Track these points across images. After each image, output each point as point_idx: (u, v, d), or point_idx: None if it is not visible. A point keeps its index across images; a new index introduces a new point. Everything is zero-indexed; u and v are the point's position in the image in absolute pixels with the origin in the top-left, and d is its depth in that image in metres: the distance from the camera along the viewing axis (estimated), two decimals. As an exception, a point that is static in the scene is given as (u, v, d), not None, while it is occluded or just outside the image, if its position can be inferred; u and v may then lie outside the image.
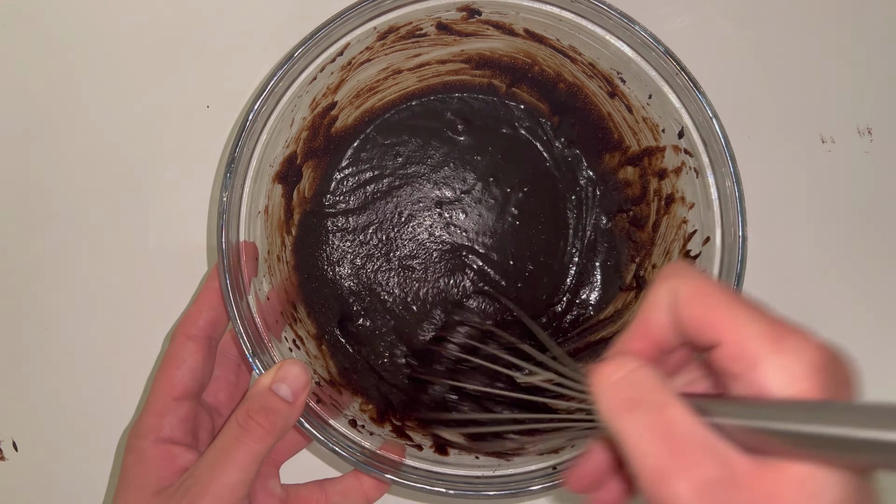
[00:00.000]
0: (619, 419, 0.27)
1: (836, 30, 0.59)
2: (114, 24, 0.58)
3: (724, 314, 0.26)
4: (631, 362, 0.28)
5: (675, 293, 0.28)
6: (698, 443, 0.25)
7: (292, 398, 0.40)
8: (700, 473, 0.24)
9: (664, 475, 0.25)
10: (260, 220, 0.47)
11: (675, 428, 0.25)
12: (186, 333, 0.43)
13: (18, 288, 0.56)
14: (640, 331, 0.30)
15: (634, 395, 0.27)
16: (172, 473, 0.41)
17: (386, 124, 0.55)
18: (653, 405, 0.26)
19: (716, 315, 0.26)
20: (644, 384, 0.27)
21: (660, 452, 0.25)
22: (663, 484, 0.25)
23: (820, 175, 0.58)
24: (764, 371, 0.25)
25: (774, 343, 0.25)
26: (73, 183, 0.57)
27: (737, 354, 0.25)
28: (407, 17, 0.47)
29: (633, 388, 0.27)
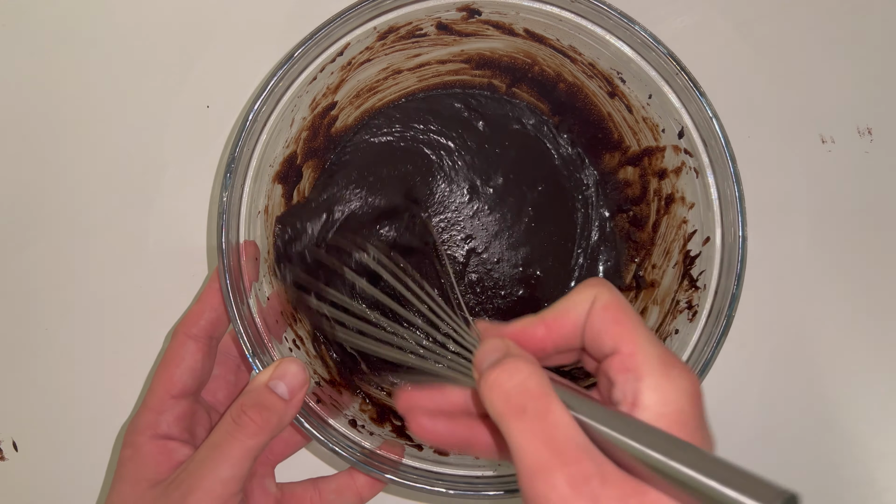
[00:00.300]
0: (507, 422, 0.29)
1: (836, 30, 0.59)
2: (114, 25, 0.58)
3: (629, 329, 0.30)
4: (523, 368, 0.30)
5: (594, 299, 0.31)
6: (575, 445, 0.28)
7: (289, 396, 0.40)
8: (576, 469, 0.27)
9: (543, 470, 0.27)
10: (260, 220, 0.47)
11: (556, 432, 0.28)
12: (187, 332, 0.43)
13: (18, 288, 0.57)
14: (549, 322, 0.33)
15: (522, 403, 0.29)
16: (169, 468, 0.41)
17: (387, 119, 0.55)
18: (538, 412, 0.29)
19: (622, 328, 0.30)
20: (532, 392, 0.29)
21: (541, 452, 0.28)
22: (541, 478, 0.27)
23: (820, 175, 0.58)
24: (646, 386, 0.29)
25: (663, 368, 0.29)
26: (73, 183, 0.57)
27: (628, 366, 0.29)
28: (407, 17, 0.47)
29: (522, 395, 0.29)
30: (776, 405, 0.56)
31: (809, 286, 0.57)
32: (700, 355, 0.43)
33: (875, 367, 0.57)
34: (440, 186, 0.55)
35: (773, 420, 0.56)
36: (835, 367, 0.56)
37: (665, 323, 0.48)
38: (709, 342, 0.43)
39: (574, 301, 0.32)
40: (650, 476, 0.27)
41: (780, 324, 0.57)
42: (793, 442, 0.56)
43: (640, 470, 0.27)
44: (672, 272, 0.49)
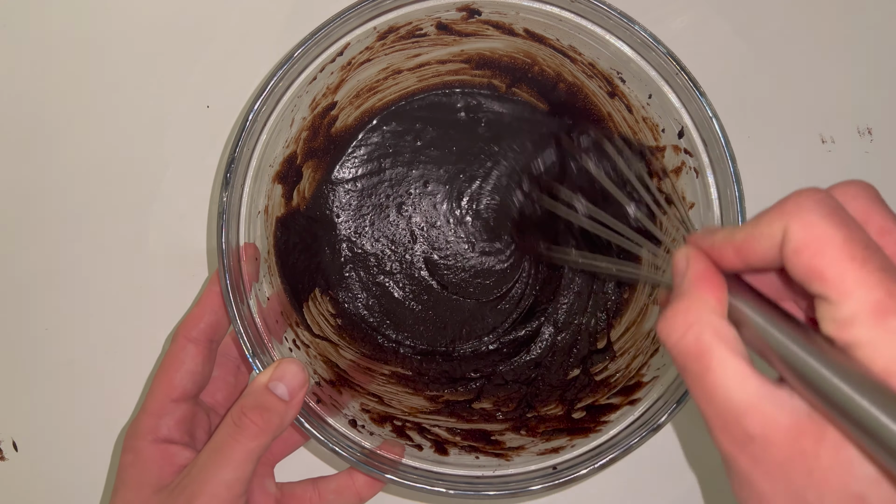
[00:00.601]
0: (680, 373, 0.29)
1: (836, 30, 0.59)
2: (114, 25, 0.58)
3: (837, 272, 0.24)
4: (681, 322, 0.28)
5: (786, 236, 0.26)
6: (734, 406, 0.26)
7: (289, 396, 0.40)
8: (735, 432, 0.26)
9: (711, 429, 0.27)
10: (260, 221, 0.47)
11: (715, 394, 0.26)
12: (187, 335, 0.43)
13: (18, 288, 0.56)
14: (739, 245, 0.28)
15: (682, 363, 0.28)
16: (171, 472, 0.41)
17: (391, 117, 0.55)
18: (697, 373, 0.27)
19: (829, 272, 0.25)
20: (691, 349, 0.27)
21: (706, 411, 0.27)
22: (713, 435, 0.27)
23: (820, 175, 0.58)
24: (859, 341, 0.24)
25: (878, 318, 0.24)
26: (72, 183, 0.57)
27: (839, 315, 0.24)
28: (407, 17, 0.47)
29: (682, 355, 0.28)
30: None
31: (809, 286, 0.57)
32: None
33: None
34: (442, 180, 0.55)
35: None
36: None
37: (665, 323, 0.48)
38: (709, 342, 0.43)
39: (761, 230, 0.27)
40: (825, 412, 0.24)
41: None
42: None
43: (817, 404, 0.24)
44: (672, 272, 0.49)
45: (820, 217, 0.25)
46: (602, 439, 0.43)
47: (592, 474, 0.42)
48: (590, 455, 0.43)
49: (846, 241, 0.25)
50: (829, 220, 0.25)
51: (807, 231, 0.25)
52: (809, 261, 0.25)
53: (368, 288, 0.55)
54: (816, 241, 0.25)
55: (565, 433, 0.46)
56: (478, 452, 0.47)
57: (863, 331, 0.24)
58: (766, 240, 0.27)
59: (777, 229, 0.26)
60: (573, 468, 0.42)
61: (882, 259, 0.25)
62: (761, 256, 0.27)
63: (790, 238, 0.26)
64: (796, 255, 0.25)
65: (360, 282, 0.55)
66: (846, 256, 0.24)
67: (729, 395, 0.26)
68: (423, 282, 0.55)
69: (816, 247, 0.25)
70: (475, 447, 0.47)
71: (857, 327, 0.24)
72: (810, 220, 0.25)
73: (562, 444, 0.45)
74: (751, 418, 0.26)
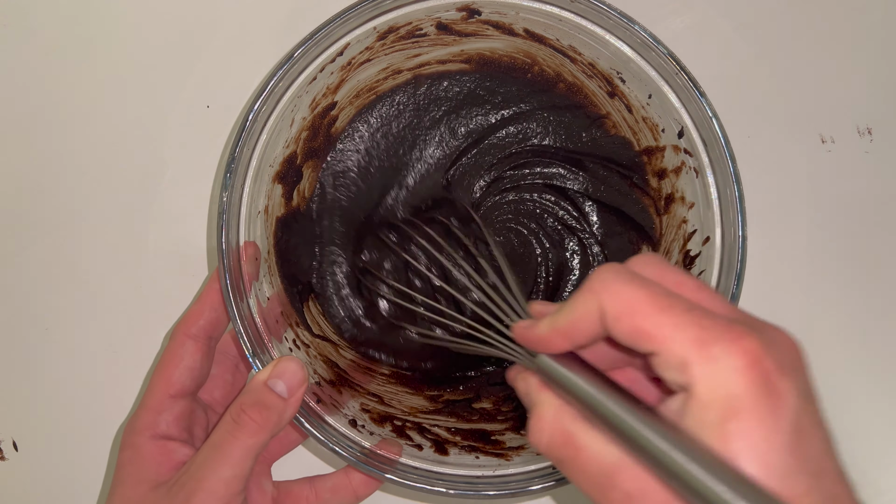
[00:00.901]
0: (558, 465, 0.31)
1: (836, 30, 0.59)
2: (114, 25, 0.58)
3: (653, 325, 0.27)
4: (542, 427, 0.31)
5: (602, 310, 0.29)
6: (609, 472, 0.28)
7: (288, 394, 0.40)
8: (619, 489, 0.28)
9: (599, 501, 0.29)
10: (260, 220, 0.47)
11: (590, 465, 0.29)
12: (187, 332, 0.43)
13: (18, 288, 0.57)
14: (564, 330, 0.31)
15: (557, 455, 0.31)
16: (170, 468, 0.41)
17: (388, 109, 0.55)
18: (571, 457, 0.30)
19: (645, 328, 0.27)
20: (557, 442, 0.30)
21: (588, 488, 0.29)
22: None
23: (820, 175, 0.58)
24: (692, 377, 0.26)
25: (701, 349, 0.26)
26: (73, 183, 0.57)
27: (668, 363, 0.27)
28: (407, 17, 0.47)
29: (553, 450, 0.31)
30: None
31: (809, 286, 0.57)
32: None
33: (875, 367, 0.57)
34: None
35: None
36: (834, 367, 0.56)
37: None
38: (709, 342, 0.43)
39: (579, 313, 0.30)
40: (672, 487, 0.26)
41: (779, 323, 0.57)
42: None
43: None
44: (672, 272, 0.49)
45: (623, 285, 0.28)
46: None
47: (592, 474, 0.42)
48: (590, 455, 0.43)
49: (650, 297, 0.28)
50: (632, 286, 0.28)
51: (617, 300, 0.28)
52: (629, 324, 0.28)
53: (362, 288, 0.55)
54: (628, 305, 0.28)
55: (565, 433, 0.46)
56: (478, 452, 0.47)
57: (695, 368, 0.26)
58: (585, 319, 0.29)
59: (592, 307, 0.29)
60: (573, 468, 0.42)
61: (684, 302, 0.27)
62: (586, 334, 0.30)
63: (606, 311, 0.28)
64: (617, 323, 0.28)
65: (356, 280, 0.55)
66: (655, 310, 0.27)
67: (599, 464, 0.28)
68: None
69: (629, 310, 0.28)
70: (475, 447, 0.47)
71: (689, 366, 0.26)
72: (616, 289, 0.28)
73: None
74: (624, 477, 0.28)
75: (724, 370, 0.25)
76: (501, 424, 0.50)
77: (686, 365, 0.26)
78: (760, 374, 0.25)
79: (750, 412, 0.25)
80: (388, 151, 0.55)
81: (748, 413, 0.24)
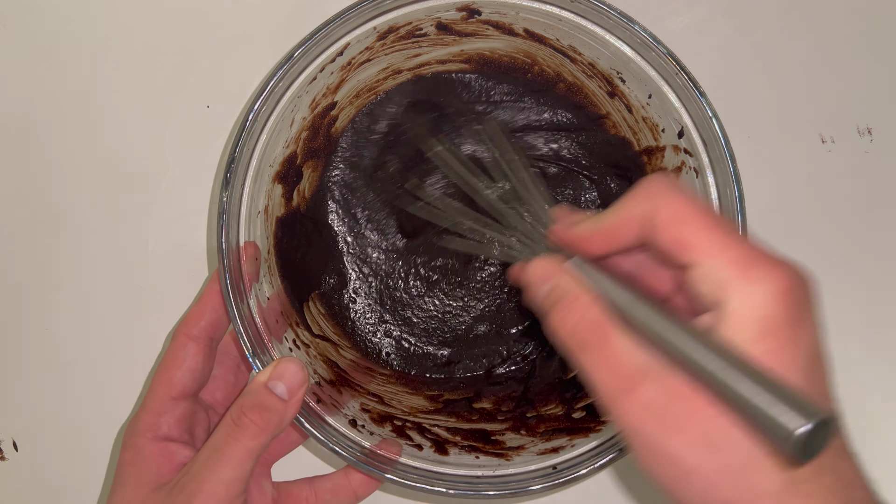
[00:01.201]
0: (577, 357, 0.31)
1: (836, 30, 0.59)
2: (114, 25, 0.58)
3: (699, 239, 0.28)
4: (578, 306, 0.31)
5: (652, 215, 0.30)
6: (636, 368, 0.29)
7: (288, 395, 0.40)
8: (641, 395, 0.28)
9: (615, 399, 0.29)
10: (260, 220, 0.47)
11: (616, 360, 0.29)
12: (188, 334, 0.43)
13: (19, 288, 0.57)
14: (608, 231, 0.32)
15: (584, 338, 0.31)
16: (171, 470, 0.41)
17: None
18: (598, 343, 0.30)
19: (691, 240, 0.28)
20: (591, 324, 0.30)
21: (608, 380, 0.29)
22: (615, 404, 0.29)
23: (820, 175, 0.58)
24: (728, 294, 0.27)
25: (743, 270, 0.27)
26: (73, 183, 0.57)
27: (707, 277, 0.28)
28: (407, 17, 0.47)
29: (583, 331, 0.31)
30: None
31: (809, 286, 0.57)
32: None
33: (875, 367, 0.57)
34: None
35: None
36: (834, 367, 0.56)
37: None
38: (709, 342, 0.43)
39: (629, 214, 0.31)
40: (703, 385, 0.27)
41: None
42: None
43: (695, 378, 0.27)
44: (672, 272, 0.49)
45: (677, 195, 0.29)
46: (602, 439, 0.43)
47: (592, 474, 0.42)
48: (590, 455, 0.43)
49: (701, 211, 0.29)
50: (684, 198, 0.29)
51: (669, 207, 0.29)
52: (676, 233, 0.29)
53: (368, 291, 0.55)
54: (679, 215, 0.29)
55: (565, 433, 0.46)
56: (478, 452, 0.47)
57: (735, 285, 0.27)
58: (632, 221, 0.30)
59: (641, 210, 0.30)
60: (573, 468, 0.42)
61: (729, 224, 0.31)
62: (628, 238, 0.31)
63: (657, 216, 0.29)
64: (664, 231, 0.29)
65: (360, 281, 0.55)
66: (704, 225, 0.28)
67: (625, 363, 0.29)
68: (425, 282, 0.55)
69: (679, 220, 0.29)
70: (475, 447, 0.47)
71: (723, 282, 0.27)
72: (670, 198, 0.29)
73: (562, 444, 0.45)
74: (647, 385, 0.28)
75: (763, 292, 0.27)
76: (501, 424, 0.50)
77: (726, 281, 0.27)
78: (795, 301, 0.27)
79: (782, 334, 0.27)
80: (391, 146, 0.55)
81: (781, 335, 0.27)
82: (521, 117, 0.55)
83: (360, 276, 0.55)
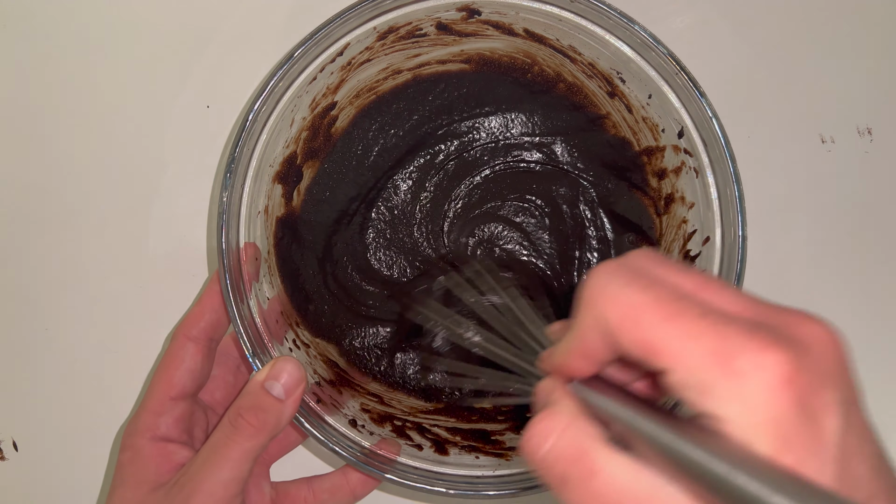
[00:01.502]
0: (558, 493, 0.25)
1: (836, 30, 0.59)
2: (113, 25, 0.58)
3: (661, 337, 0.22)
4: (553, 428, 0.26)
5: (603, 322, 0.24)
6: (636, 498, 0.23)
7: (285, 396, 0.40)
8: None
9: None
10: (260, 221, 0.47)
11: (606, 496, 0.24)
12: (187, 334, 0.43)
13: (19, 288, 0.57)
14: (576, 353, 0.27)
15: (562, 472, 0.25)
16: (169, 470, 0.41)
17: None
18: (580, 478, 0.24)
19: (653, 340, 0.23)
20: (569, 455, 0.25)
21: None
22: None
23: (820, 175, 0.58)
24: (716, 402, 0.21)
25: (723, 365, 0.21)
26: (73, 183, 0.57)
27: (685, 383, 0.22)
28: (407, 17, 0.47)
29: (560, 463, 0.25)
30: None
31: (809, 286, 0.57)
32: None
33: (875, 367, 0.57)
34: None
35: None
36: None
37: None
38: (709, 342, 0.43)
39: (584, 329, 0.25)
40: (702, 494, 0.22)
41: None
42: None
43: None
44: (672, 272, 0.49)
45: (621, 288, 0.24)
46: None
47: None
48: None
49: (655, 301, 0.23)
50: (631, 289, 0.24)
51: (616, 308, 0.24)
52: (634, 336, 0.23)
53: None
54: (629, 313, 0.23)
55: (565, 433, 0.46)
56: (478, 452, 0.47)
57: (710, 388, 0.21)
58: (592, 335, 0.25)
59: (593, 320, 0.24)
60: (573, 468, 0.42)
61: (695, 305, 0.23)
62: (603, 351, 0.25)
63: (607, 323, 0.24)
64: (620, 336, 0.24)
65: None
66: (662, 317, 0.23)
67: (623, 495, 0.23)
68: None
69: (632, 320, 0.23)
70: (475, 447, 0.47)
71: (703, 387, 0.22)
72: (613, 294, 0.24)
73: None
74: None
75: (756, 390, 0.21)
76: (501, 424, 0.50)
77: (707, 386, 0.22)
78: (797, 392, 0.21)
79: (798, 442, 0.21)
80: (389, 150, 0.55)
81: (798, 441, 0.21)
82: (521, 118, 0.55)
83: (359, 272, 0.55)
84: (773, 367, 0.21)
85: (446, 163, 0.55)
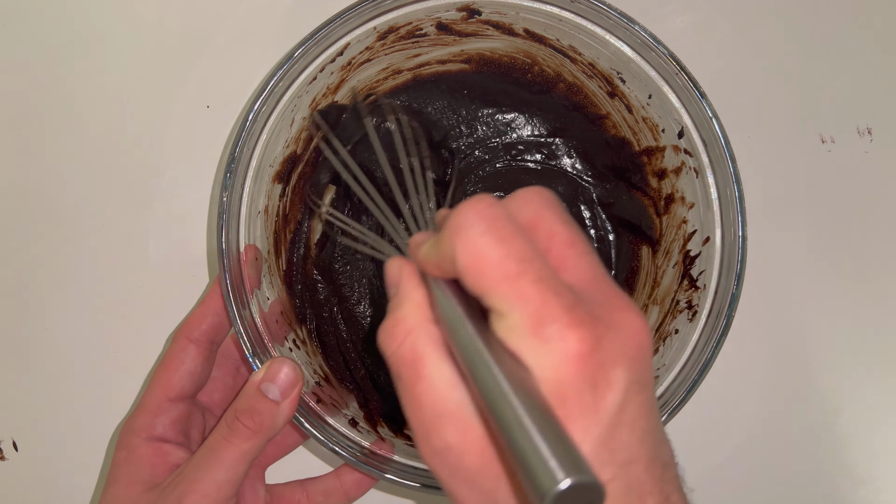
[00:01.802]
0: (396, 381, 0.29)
1: (836, 30, 0.59)
2: (113, 25, 0.58)
3: (496, 291, 0.25)
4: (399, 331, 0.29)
5: (455, 258, 0.26)
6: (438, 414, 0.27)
7: (281, 397, 0.40)
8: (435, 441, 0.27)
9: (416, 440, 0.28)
10: (260, 221, 0.47)
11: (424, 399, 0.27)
12: (188, 336, 0.43)
13: (19, 288, 0.56)
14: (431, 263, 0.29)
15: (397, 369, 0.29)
16: (164, 470, 0.41)
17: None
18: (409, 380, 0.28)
19: (489, 291, 0.26)
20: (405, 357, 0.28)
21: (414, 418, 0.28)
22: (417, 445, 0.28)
23: (820, 175, 0.58)
24: (524, 352, 0.25)
25: (536, 328, 0.25)
26: (72, 183, 0.57)
27: (506, 327, 0.26)
28: (407, 17, 0.47)
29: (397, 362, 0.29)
30: (776, 405, 0.56)
31: (809, 286, 0.57)
32: (700, 355, 0.43)
33: (875, 367, 0.57)
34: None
35: (773, 420, 0.56)
36: (834, 367, 0.56)
37: (665, 323, 0.48)
38: (709, 342, 0.43)
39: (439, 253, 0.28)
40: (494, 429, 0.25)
41: (780, 324, 0.57)
42: (792, 442, 0.56)
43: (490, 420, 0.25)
44: (672, 272, 0.49)
45: (479, 235, 0.26)
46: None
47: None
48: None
49: (502, 258, 0.25)
50: (485, 240, 0.26)
51: (466, 253, 0.26)
52: (474, 282, 0.26)
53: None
54: (475, 263, 0.26)
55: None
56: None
57: (524, 341, 0.25)
58: (446, 259, 0.27)
59: (449, 251, 0.27)
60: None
61: (538, 269, 0.25)
62: (453, 273, 0.27)
63: (457, 261, 0.26)
64: (464, 277, 0.26)
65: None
66: (502, 275, 0.25)
67: (435, 402, 0.27)
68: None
69: (476, 268, 0.26)
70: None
71: (521, 338, 0.25)
72: (469, 240, 0.26)
73: None
74: (450, 426, 0.26)
75: (554, 354, 0.25)
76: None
77: (520, 338, 0.25)
78: (589, 364, 0.25)
79: (573, 402, 0.24)
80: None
81: (572, 403, 0.24)
82: (521, 118, 0.55)
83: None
84: (573, 341, 0.24)
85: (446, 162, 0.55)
